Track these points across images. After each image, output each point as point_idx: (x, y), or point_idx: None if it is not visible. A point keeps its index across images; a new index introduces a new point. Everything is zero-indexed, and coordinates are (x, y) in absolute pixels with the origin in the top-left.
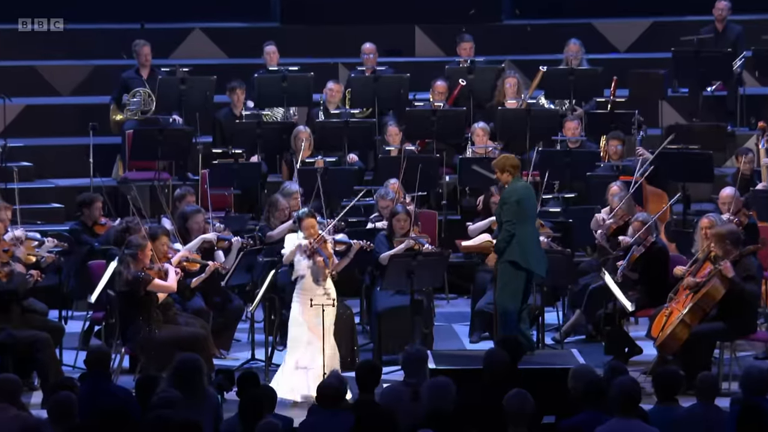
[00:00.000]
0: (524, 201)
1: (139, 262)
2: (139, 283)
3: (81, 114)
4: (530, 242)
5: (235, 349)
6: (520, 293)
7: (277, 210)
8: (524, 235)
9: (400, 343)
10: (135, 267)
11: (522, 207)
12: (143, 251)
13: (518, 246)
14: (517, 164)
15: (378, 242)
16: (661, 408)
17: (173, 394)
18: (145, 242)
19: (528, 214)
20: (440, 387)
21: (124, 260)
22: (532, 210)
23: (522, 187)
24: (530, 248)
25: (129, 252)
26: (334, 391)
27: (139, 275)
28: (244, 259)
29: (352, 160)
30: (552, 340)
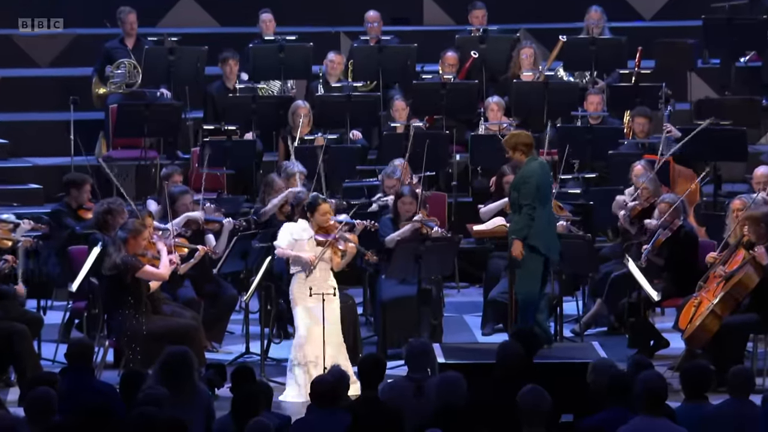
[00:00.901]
0: (543, 183)
1: (132, 247)
2: (128, 268)
3: (61, 87)
4: (546, 226)
5: (228, 342)
6: (539, 280)
7: (272, 190)
8: (542, 218)
9: (406, 336)
10: (126, 251)
11: (540, 190)
12: (138, 237)
13: (539, 230)
14: (530, 142)
15: (382, 226)
16: (690, 406)
17: (160, 390)
18: (142, 228)
19: (545, 196)
20: (450, 382)
21: (116, 242)
22: (549, 191)
23: (539, 168)
24: (547, 232)
25: (123, 235)
26: (329, 388)
27: (129, 260)
28: (238, 244)
29: (354, 138)
30: (571, 332)
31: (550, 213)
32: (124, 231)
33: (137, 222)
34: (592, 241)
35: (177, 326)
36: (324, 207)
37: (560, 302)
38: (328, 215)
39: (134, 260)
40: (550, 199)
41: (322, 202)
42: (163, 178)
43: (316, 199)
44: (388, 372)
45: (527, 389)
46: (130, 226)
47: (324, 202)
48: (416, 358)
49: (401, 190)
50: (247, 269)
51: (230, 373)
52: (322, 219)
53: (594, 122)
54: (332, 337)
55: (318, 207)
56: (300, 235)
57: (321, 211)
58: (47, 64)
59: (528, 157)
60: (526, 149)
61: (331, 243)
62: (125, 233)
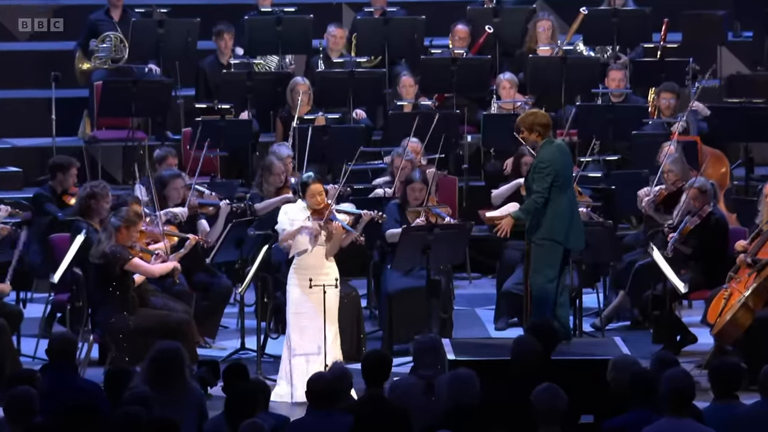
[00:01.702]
0: (562, 170)
1: (123, 237)
2: (117, 259)
3: (42, 62)
4: (568, 213)
5: (222, 337)
6: (556, 271)
7: (271, 175)
8: (561, 206)
9: (414, 331)
10: (117, 241)
11: (560, 176)
12: (132, 228)
13: (555, 219)
14: (547, 122)
15: (388, 213)
16: (719, 406)
17: (149, 389)
18: (137, 219)
19: (566, 182)
20: (462, 381)
21: (107, 229)
22: (569, 176)
23: (557, 152)
24: (568, 220)
25: (116, 222)
26: (326, 388)
27: (119, 250)
28: (233, 231)
29: (358, 117)
30: (591, 326)
31: (571, 199)
32: (117, 218)
33: (132, 211)
34: (613, 228)
35: (167, 320)
36: (314, 187)
37: (579, 294)
38: (318, 197)
39: (124, 251)
40: (571, 184)
41: (312, 182)
42: (157, 160)
43: (307, 179)
44: (394, 370)
45: (542, 388)
46: (124, 214)
47: (315, 182)
48: (425, 355)
49: (411, 175)
50: (242, 259)
51: (223, 371)
52: (312, 201)
53: (616, 100)
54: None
55: (308, 187)
56: (296, 215)
57: (310, 192)
58: (27, 37)
59: (544, 140)
60: (543, 130)
61: (323, 226)
62: (119, 221)
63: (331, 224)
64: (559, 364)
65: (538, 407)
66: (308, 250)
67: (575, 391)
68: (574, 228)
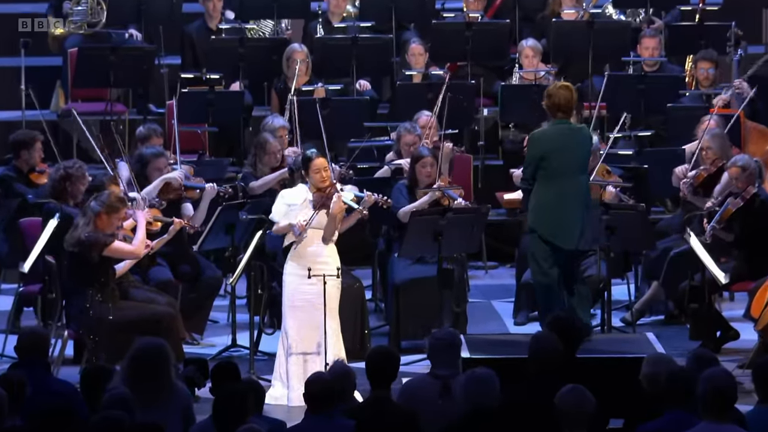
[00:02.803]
0: (552, 156)
1: (103, 224)
2: (95, 243)
3: (9, 27)
4: (552, 206)
5: (211, 333)
6: (552, 264)
7: (266, 153)
8: (545, 197)
9: (424, 325)
10: (95, 227)
11: (548, 163)
12: (113, 216)
13: (539, 210)
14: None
15: (396, 193)
16: (763, 409)
17: (130, 390)
18: (120, 205)
19: (556, 171)
20: (481, 381)
21: (87, 214)
22: (569, 164)
23: (555, 134)
24: (551, 213)
25: (96, 207)
26: (326, 389)
27: (97, 235)
28: (223, 215)
29: (362, 89)
30: (621, 321)
31: (564, 192)
32: (98, 203)
33: (114, 196)
34: (646, 211)
35: (150, 314)
36: (318, 162)
37: (608, 286)
38: (322, 173)
39: (103, 236)
40: (567, 174)
41: (315, 157)
42: (139, 139)
43: (310, 153)
44: (402, 369)
45: (567, 389)
46: (105, 198)
47: (319, 156)
48: (441, 353)
49: (420, 151)
50: (233, 246)
51: (212, 370)
52: (317, 177)
53: (649, 69)
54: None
55: (311, 162)
56: (294, 200)
57: (314, 167)
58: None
59: (555, 120)
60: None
61: (322, 204)
62: (100, 206)
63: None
64: (585, 363)
65: (563, 410)
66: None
67: (604, 392)
68: (563, 224)
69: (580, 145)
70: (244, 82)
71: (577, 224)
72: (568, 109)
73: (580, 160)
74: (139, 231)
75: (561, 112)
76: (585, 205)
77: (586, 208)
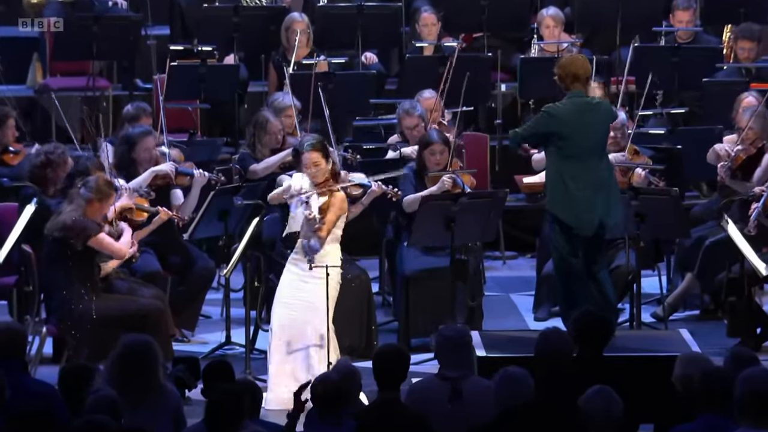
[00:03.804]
0: (568, 135)
1: (93, 212)
2: (81, 231)
3: None
4: (569, 190)
5: (203, 329)
6: (570, 248)
7: (266, 134)
8: (552, 174)
9: (436, 321)
10: (80, 212)
11: (563, 142)
12: (105, 203)
13: (550, 187)
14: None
15: (403, 180)
16: None
17: (114, 392)
18: (111, 191)
19: (573, 152)
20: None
21: (75, 200)
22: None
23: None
24: (561, 194)
25: (87, 194)
26: (333, 390)
27: (84, 222)
28: (216, 201)
29: (368, 62)
30: (652, 316)
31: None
32: (89, 190)
33: (103, 180)
34: (679, 196)
35: (136, 308)
36: (307, 157)
37: (637, 278)
38: (312, 168)
39: (90, 223)
40: (585, 157)
41: (306, 150)
42: (127, 119)
43: (300, 146)
44: (412, 369)
45: (594, 391)
46: (95, 184)
47: (311, 150)
48: (451, 351)
49: (430, 135)
50: (227, 234)
51: (204, 370)
52: (307, 173)
53: (683, 40)
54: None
55: (300, 157)
56: (296, 187)
57: (303, 162)
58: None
59: (573, 92)
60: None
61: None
62: (90, 193)
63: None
64: (613, 363)
65: (590, 413)
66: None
67: (632, 394)
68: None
69: (599, 125)
70: (239, 54)
71: (595, 210)
72: (585, 79)
73: (599, 142)
74: (125, 233)
75: (577, 82)
76: (605, 190)
77: (607, 194)
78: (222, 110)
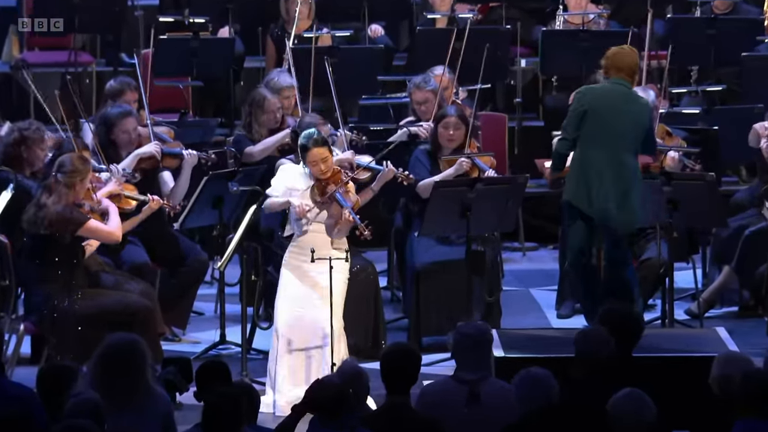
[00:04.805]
0: (598, 114)
1: (76, 193)
2: (67, 223)
3: None
4: (590, 174)
5: (195, 327)
6: (584, 237)
7: (263, 112)
8: (583, 162)
9: (450, 318)
10: (65, 201)
11: (593, 122)
12: (84, 180)
13: (574, 175)
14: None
15: (415, 162)
16: None
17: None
18: (85, 167)
19: (600, 135)
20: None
21: (51, 187)
22: (615, 130)
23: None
24: (588, 182)
25: (64, 178)
26: (333, 395)
27: (71, 211)
28: (209, 187)
29: (375, 35)
30: (686, 313)
31: (602, 160)
32: (64, 173)
33: (75, 158)
34: (716, 182)
35: (122, 305)
36: (315, 153)
37: (670, 271)
38: (322, 165)
39: (78, 213)
40: (609, 142)
41: (312, 146)
42: (110, 95)
43: (307, 141)
44: (423, 370)
45: (623, 394)
46: (69, 165)
47: (317, 146)
48: (469, 351)
49: (445, 110)
50: (221, 223)
51: (197, 372)
52: (314, 170)
53: (720, 11)
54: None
55: (307, 152)
56: (294, 183)
57: (310, 158)
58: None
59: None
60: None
61: (326, 202)
62: (68, 176)
63: (336, 208)
64: (643, 363)
65: (619, 418)
66: (297, 233)
67: (665, 398)
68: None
69: (636, 115)
70: (234, 27)
71: (610, 200)
72: (630, 71)
73: (631, 136)
74: (112, 214)
75: (622, 72)
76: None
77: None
78: (215, 88)
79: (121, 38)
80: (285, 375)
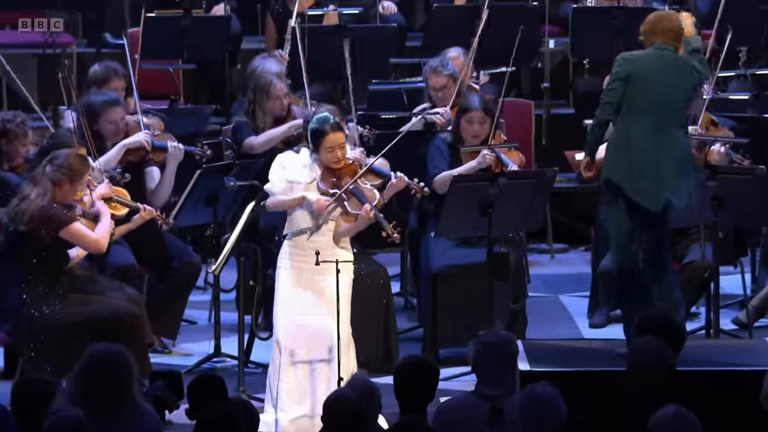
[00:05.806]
0: (642, 82)
1: (64, 193)
2: (50, 220)
3: None
4: (640, 151)
5: (187, 337)
6: (628, 228)
7: (269, 99)
8: (619, 134)
9: (470, 327)
10: (53, 198)
11: (636, 90)
12: (76, 182)
13: (611, 148)
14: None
15: (435, 153)
16: None
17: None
18: (82, 168)
19: (646, 102)
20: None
21: (40, 181)
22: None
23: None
24: (638, 162)
25: (55, 174)
26: (349, 411)
27: (56, 210)
28: (202, 182)
29: (386, 12)
30: (733, 322)
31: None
32: (56, 168)
33: (74, 155)
34: (766, 176)
35: (106, 312)
36: (333, 138)
37: (715, 276)
38: (339, 152)
39: (62, 212)
40: (665, 115)
41: (331, 130)
42: (94, 82)
43: (323, 125)
44: (440, 385)
45: (666, 412)
46: (65, 161)
47: (335, 130)
48: (491, 364)
49: (469, 101)
50: (216, 222)
51: (189, 386)
52: (329, 156)
53: None
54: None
55: (324, 137)
56: (296, 176)
57: (327, 144)
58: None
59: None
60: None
61: (338, 198)
62: (59, 172)
63: (354, 204)
64: (686, 378)
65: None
66: (307, 233)
67: (711, 416)
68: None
69: (685, 81)
70: (230, 4)
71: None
72: (675, 35)
73: (681, 105)
74: (103, 219)
75: (665, 36)
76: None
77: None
78: (210, 71)
79: (104, 16)
80: (288, 391)
